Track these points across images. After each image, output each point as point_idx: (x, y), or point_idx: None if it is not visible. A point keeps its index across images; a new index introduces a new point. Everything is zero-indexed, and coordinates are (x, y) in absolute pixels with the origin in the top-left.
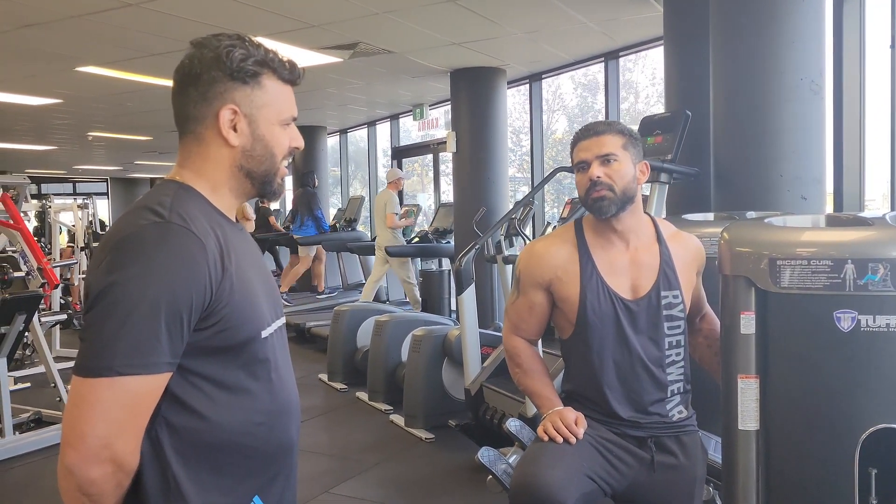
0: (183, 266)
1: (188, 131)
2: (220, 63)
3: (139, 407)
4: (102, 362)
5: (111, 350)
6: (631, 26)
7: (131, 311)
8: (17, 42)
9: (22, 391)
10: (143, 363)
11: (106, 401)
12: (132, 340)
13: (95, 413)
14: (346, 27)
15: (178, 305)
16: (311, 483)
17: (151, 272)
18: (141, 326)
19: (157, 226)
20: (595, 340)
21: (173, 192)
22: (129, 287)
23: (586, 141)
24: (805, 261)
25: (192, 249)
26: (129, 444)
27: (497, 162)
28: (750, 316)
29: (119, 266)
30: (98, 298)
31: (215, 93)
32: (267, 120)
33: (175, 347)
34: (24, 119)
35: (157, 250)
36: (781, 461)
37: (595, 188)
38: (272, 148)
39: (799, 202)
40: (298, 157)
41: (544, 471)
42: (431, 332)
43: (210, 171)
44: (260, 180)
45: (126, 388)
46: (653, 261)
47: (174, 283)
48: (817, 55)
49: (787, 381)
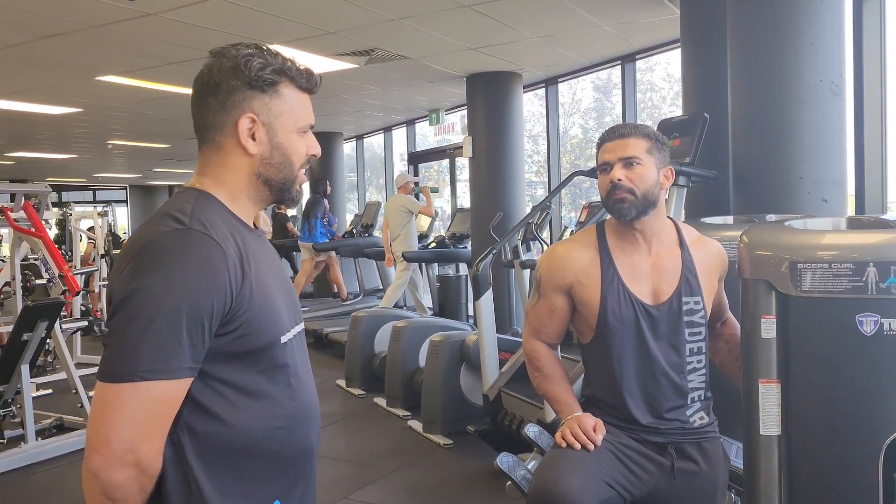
0: (204, 272)
1: (207, 140)
2: (239, 72)
3: (162, 411)
4: (126, 367)
5: (134, 356)
6: (647, 29)
7: (154, 317)
8: (39, 52)
9: (44, 398)
10: (166, 368)
11: (130, 406)
12: (155, 346)
13: (120, 418)
14: (362, 34)
15: (199, 311)
16: (329, 489)
17: (173, 278)
18: (163, 332)
19: (178, 232)
20: (615, 346)
21: (194, 200)
22: (151, 293)
23: (611, 143)
24: (826, 264)
25: (213, 255)
26: (152, 449)
27: (514, 166)
28: (771, 320)
29: (141, 273)
30: (121, 305)
31: (234, 102)
32: (285, 128)
33: (197, 353)
34: (45, 128)
35: (179, 257)
36: (804, 466)
37: (616, 191)
38: (290, 156)
39: (819, 205)
40: (315, 164)
41: (563, 477)
42: (449, 337)
43: (229, 179)
44: (278, 188)
45: (149, 393)
46: (675, 266)
47: (195, 289)
48: (837, 56)
49: (808, 385)
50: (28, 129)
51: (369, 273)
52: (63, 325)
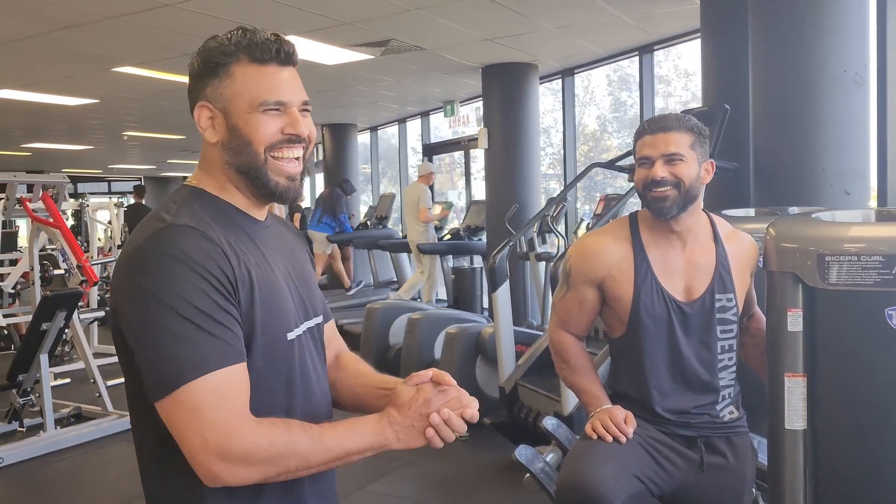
0: (191, 260)
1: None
2: (200, 61)
3: (233, 395)
4: (173, 377)
5: (176, 361)
6: (666, 19)
7: (174, 318)
8: (56, 44)
9: (62, 387)
10: (211, 361)
11: (200, 405)
12: (190, 344)
13: (197, 421)
14: (378, 24)
15: (208, 295)
16: (345, 480)
17: (171, 275)
18: (190, 330)
19: (162, 231)
20: (647, 342)
21: (182, 198)
22: (156, 296)
23: (651, 136)
24: (854, 257)
25: (202, 244)
26: (242, 432)
27: (529, 158)
28: (797, 313)
29: (137, 280)
30: (136, 316)
31: (195, 93)
32: (239, 110)
33: (230, 333)
34: (61, 119)
35: (171, 252)
36: (829, 461)
37: (657, 187)
38: (248, 136)
39: (842, 197)
40: (329, 155)
41: (593, 469)
42: (465, 329)
43: (213, 171)
44: (250, 175)
45: (209, 387)
46: (708, 262)
47: (187, 278)
48: (861, 46)
49: (835, 379)
50: (44, 120)
51: (383, 264)
52: (81, 315)
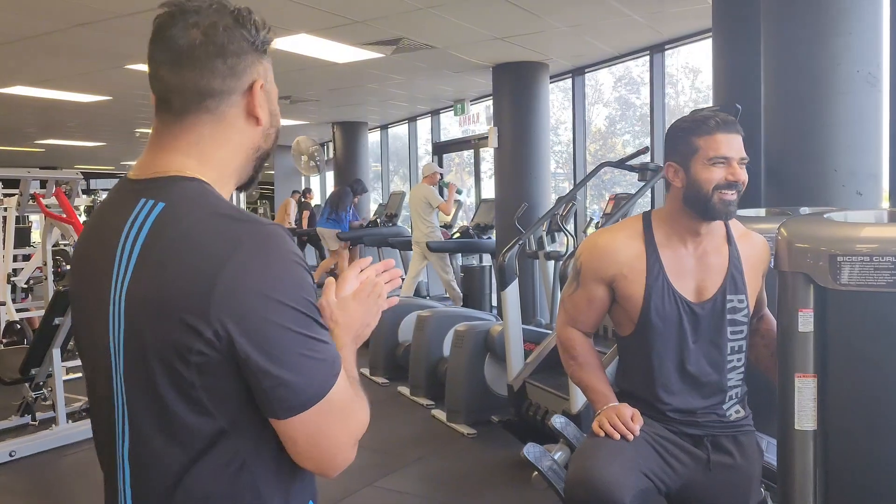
0: (299, 258)
1: (206, 110)
2: (245, 30)
3: (346, 384)
4: (325, 383)
5: (323, 367)
6: (678, 18)
7: (311, 324)
8: (70, 40)
9: (74, 381)
10: (337, 360)
11: (344, 402)
12: (328, 348)
13: (336, 427)
14: (389, 23)
15: (312, 294)
16: (354, 476)
17: (289, 277)
18: (323, 334)
19: (273, 234)
20: (656, 342)
21: (211, 192)
22: (281, 304)
23: (727, 135)
24: (867, 257)
25: (291, 240)
26: (360, 411)
27: (539, 157)
28: (808, 313)
29: (258, 289)
30: (274, 329)
31: (245, 65)
32: (274, 93)
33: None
34: (74, 116)
35: (278, 253)
36: (840, 463)
37: (731, 189)
38: (279, 124)
39: (854, 198)
40: (340, 154)
41: (601, 467)
42: (474, 327)
43: (222, 158)
44: (261, 165)
45: (342, 383)
46: (721, 262)
47: (304, 278)
48: (874, 46)
49: (846, 380)
50: (58, 117)
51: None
52: None
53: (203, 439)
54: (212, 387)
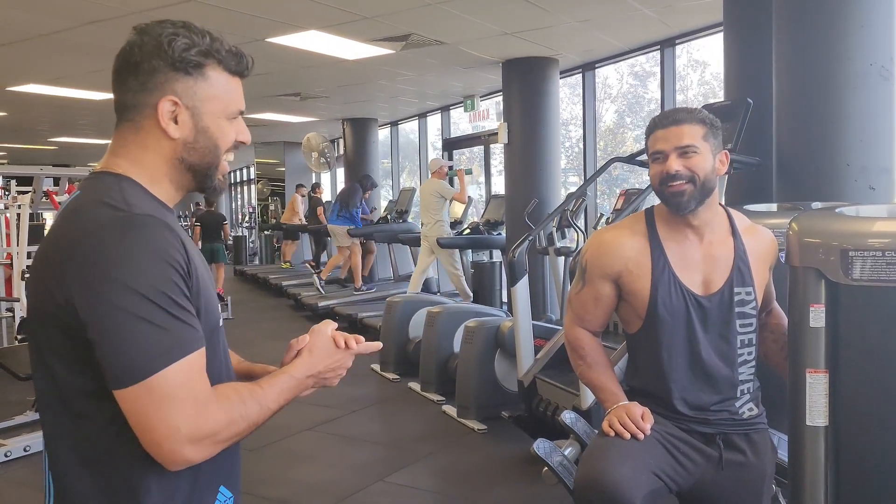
0: (160, 250)
1: (126, 119)
2: (162, 52)
3: (195, 382)
4: (147, 364)
5: (149, 348)
6: (688, 13)
7: (147, 306)
8: (82, 38)
9: None
10: (183, 347)
11: (173, 392)
12: (163, 332)
13: (165, 409)
14: (399, 19)
15: (175, 283)
16: (364, 471)
17: (140, 264)
18: (161, 318)
19: (122, 219)
20: (665, 337)
21: (118, 186)
22: (127, 286)
23: (663, 130)
24: (879, 252)
25: (165, 234)
26: (209, 413)
27: (549, 153)
28: (820, 309)
29: (103, 270)
30: (104, 305)
31: (155, 83)
32: (212, 113)
33: (194, 318)
34: (86, 113)
35: (134, 240)
36: (851, 458)
37: (672, 182)
38: (216, 140)
39: (866, 192)
40: (350, 150)
41: (612, 466)
42: (484, 323)
43: (149, 162)
44: (202, 174)
45: (180, 373)
46: (727, 255)
47: (159, 268)
48: (887, 39)
49: (858, 376)
50: (70, 115)
51: (403, 258)
52: None
53: (82, 398)
54: (76, 347)
